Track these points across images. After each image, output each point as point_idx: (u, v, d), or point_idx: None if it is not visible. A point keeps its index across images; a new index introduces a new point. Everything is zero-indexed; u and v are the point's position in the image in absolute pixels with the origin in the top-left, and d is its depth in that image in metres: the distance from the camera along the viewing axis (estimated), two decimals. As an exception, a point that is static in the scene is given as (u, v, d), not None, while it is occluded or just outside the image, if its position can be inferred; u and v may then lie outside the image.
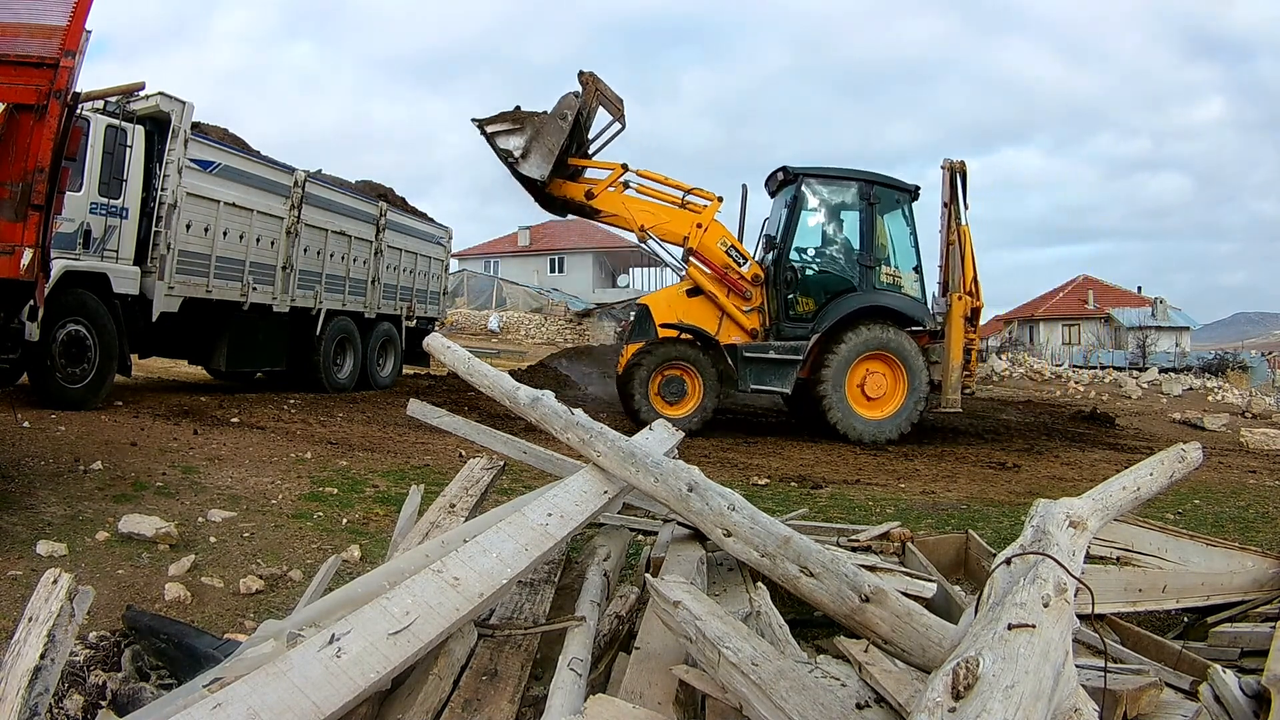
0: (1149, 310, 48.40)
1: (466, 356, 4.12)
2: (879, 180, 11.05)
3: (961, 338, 10.66)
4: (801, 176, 11.05)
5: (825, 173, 11.19)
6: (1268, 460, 10.39)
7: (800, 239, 11.02)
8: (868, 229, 10.84)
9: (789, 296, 10.81)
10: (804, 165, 11.21)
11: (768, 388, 10.65)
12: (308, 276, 11.82)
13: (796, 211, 10.97)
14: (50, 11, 4.97)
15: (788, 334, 10.71)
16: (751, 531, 2.66)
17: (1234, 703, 2.38)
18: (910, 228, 11.22)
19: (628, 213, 10.89)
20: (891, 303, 10.76)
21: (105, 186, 8.58)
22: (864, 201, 10.88)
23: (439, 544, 2.85)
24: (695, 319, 10.79)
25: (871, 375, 10.58)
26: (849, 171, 11.22)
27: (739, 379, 10.55)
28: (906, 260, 11.18)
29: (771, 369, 10.54)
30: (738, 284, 10.78)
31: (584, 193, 10.90)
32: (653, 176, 11.05)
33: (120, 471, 5.86)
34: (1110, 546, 3.67)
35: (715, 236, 10.84)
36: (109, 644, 3.05)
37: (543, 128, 10.48)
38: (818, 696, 1.97)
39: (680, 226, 10.88)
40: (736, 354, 10.55)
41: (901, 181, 11.26)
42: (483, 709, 2.27)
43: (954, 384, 10.59)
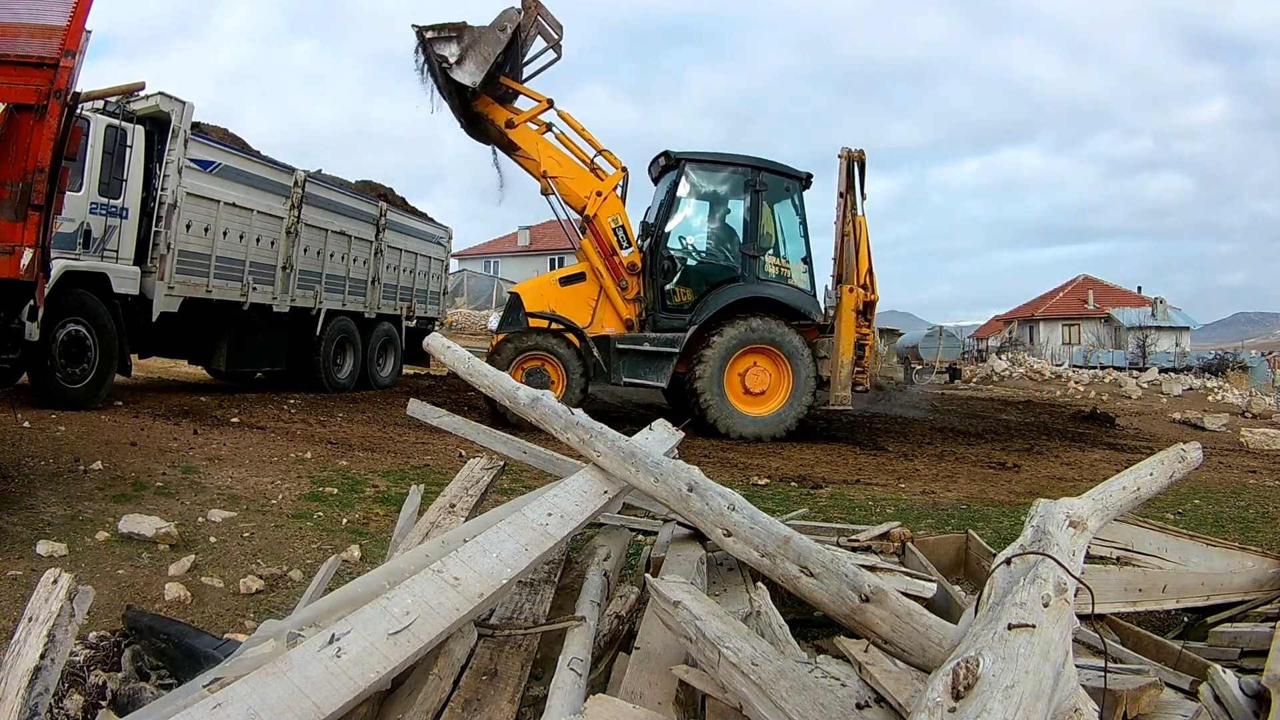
0: (1149, 310, 48.42)
1: (466, 356, 4.12)
2: (766, 166, 10.64)
3: (852, 332, 10.27)
4: (684, 161, 10.58)
5: (709, 158, 10.77)
6: (1268, 460, 10.39)
7: (680, 227, 10.62)
8: (752, 217, 10.45)
9: (665, 286, 10.38)
10: (688, 150, 10.69)
11: (642, 381, 10.16)
12: (308, 276, 11.82)
13: (676, 198, 10.54)
14: (50, 11, 4.97)
15: (664, 325, 10.27)
16: (751, 531, 2.65)
17: (1234, 703, 2.38)
18: (800, 217, 10.79)
19: (538, 154, 10.41)
20: (776, 294, 10.34)
21: (105, 186, 8.58)
22: (749, 189, 10.47)
23: (439, 544, 2.85)
24: (567, 308, 10.36)
25: (753, 370, 10.12)
26: (734, 157, 10.80)
27: (611, 371, 10.08)
28: (796, 251, 10.76)
29: (646, 362, 10.11)
30: (618, 269, 10.35)
31: (505, 120, 10.42)
32: (572, 123, 10.59)
33: (120, 471, 5.86)
34: (1110, 546, 3.67)
35: (610, 211, 10.39)
36: (109, 644, 3.05)
37: (481, 37, 10.07)
38: (818, 696, 1.97)
39: (581, 188, 10.43)
40: (609, 345, 10.10)
41: (791, 168, 10.85)
42: (483, 709, 2.27)
43: (843, 380, 10.21)
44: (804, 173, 10.89)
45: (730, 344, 10.01)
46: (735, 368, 10.11)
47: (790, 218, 10.82)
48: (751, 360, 10.17)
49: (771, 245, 10.66)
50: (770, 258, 10.59)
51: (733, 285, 10.32)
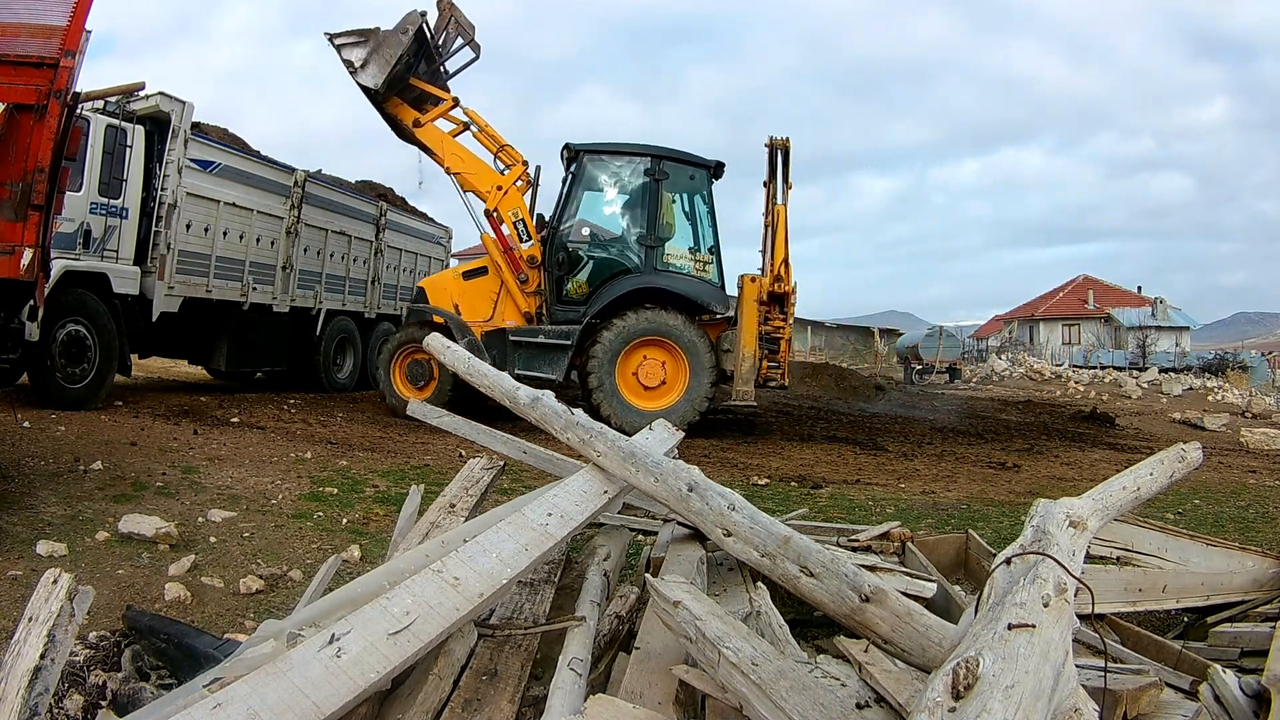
0: (1149, 310, 48.43)
1: (466, 356, 4.12)
2: (668, 155, 10.43)
3: (754, 324, 9.93)
4: (583, 152, 10.49)
5: (608, 148, 10.64)
6: (1268, 460, 10.39)
7: (576, 218, 10.54)
8: (652, 207, 10.27)
9: (561, 279, 10.35)
10: (589, 142, 10.61)
11: (537, 374, 9.91)
12: (308, 276, 11.83)
13: (574, 189, 10.45)
14: (50, 11, 4.97)
15: (560, 318, 10.23)
16: (751, 531, 2.65)
17: (1234, 703, 2.38)
18: (709, 207, 10.60)
19: (442, 151, 10.56)
20: (673, 285, 10.12)
21: (105, 186, 8.58)
22: (649, 178, 10.29)
23: (439, 544, 2.85)
24: (469, 301, 10.47)
25: (647, 363, 9.92)
26: (634, 146, 10.64)
27: (507, 364, 9.86)
28: (704, 241, 10.56)
29: (542, 354, 10.06)
30: (517, 262, 10.37)
31: (412, 120, 10.53)
32: (476, 119, 10.66)
33: (120, 471, 5.86)
34: (1110, 546, 3.67)
35: (510, 205, 10.42)
36: (109, 644, 3.05)
37: (385, 40, 10.14)
38: (818, 696, 1.97)
39: (483, 183, 10.48)
40: (504, 338, 10.16)
41: (697, 157, 10.62)
42: (483, 709, 2.27)
43: (745, 375, 9.89)
44: (713, 161, 10.67)
45: (622, 336, 9.86)
46: (629, 361, 9.95)
47: (700, 208, 10.69)
48: (647, 353, 9.99)
49: (673, 235, 10.55)
50: (672, 249, 10.45)
51: (628, 277, 10.21)
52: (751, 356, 9.90)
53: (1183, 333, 48.70)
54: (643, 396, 9.95)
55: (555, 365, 10.03)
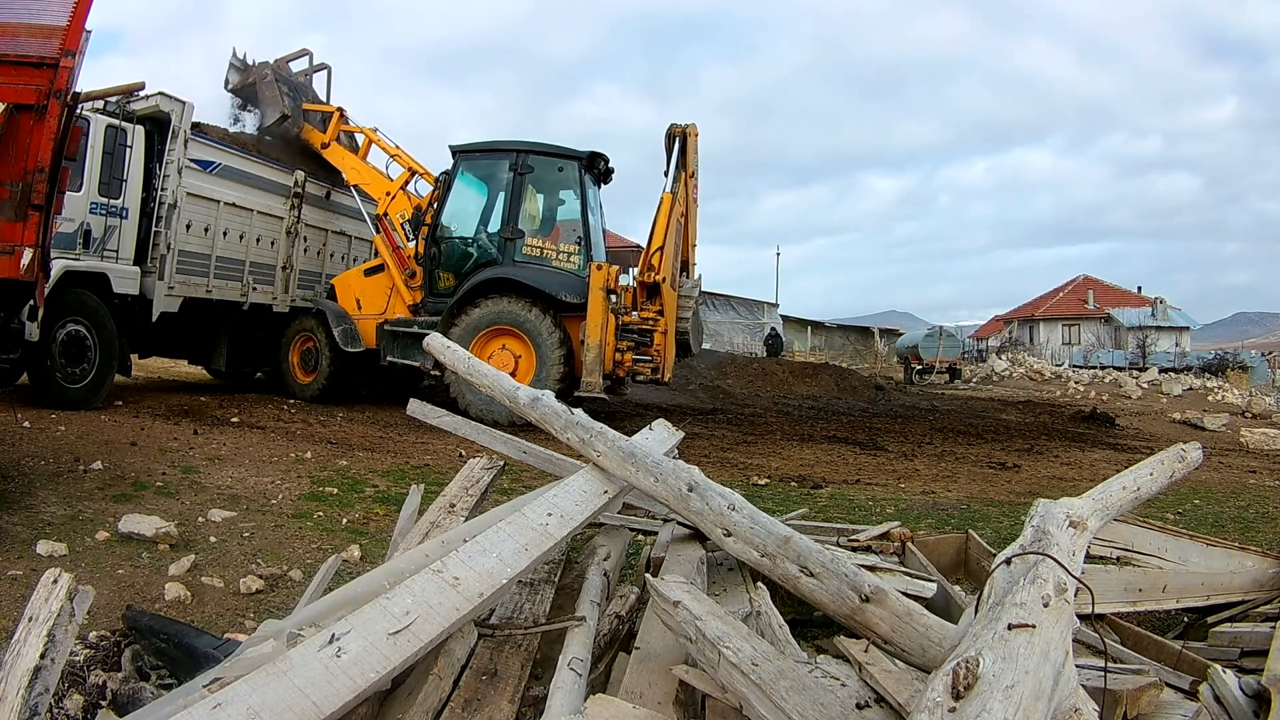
0: (1149, 310, 48.42)
1: (466, 356, 4.12)
2: (534, 149, 10.80)
3: (600, 313, 9.82)
4: (457, 152, 11.04)
5: (479, 147, 11.14)
6: (1268, 460, 10.39)
7: (448, 215, 11.01)
8: (513, 201, 10.67)
9: (433, 272, 10.91)
10: (465, 143, 11.14)
11: (407, 361, 10.61)
12: (308, 276, 11.83)
13: (447, 187, 10.98)
14: (50, 11, 4.97)
15: (432, 309, 10.75)
16: (751, 531, 2.65)
17: (1234, 703, 2.38)
18: (580, 199, 10.79)
19: (343, 167, 11.65)
20: (525, 276, 10.29)
21: (105, 186, 8.58)
22: (512, 172, 10.69)
23: (439, 544, 2.85)
24: (369, 297, 11.26)
25: (500, 353, 10.10)
26: (502, 143, 11.07)
27: (383, 352, 10.77)
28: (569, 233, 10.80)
29: (413, 343, 10.43)
30: (405, 260, 11.06)
31: (320, 144, 11.72)
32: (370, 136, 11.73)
33: (120, 471, 5.86)
34: (1110, 546, 3.67)
35: (398, 208, 11.21)
36: (109, 644, 3.05)
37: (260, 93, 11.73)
38: (818, 696, 1.97)
39: (374, 190, 11.48)
40: (383, 329, 10.85)
41: (567, 149, 10.82)
42: (483, 709, 2.27)
43: (590, 365, 9.82)
44: (584, 153, 10.85)
45: (472, 325, 10.15)
46: (484, 350, 10.11)
47: (569, 199, 11.02)
48: (500, 343, 10.24)
49: (536, 227, 10.91)
50: (535, 240, 10.72)
51: (487, 268, 10.57)
52: (597, 346, 9.85)
53: (1183, 333, 48.68)
54: None
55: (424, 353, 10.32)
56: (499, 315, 10.15)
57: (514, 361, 10.09)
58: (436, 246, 10.89)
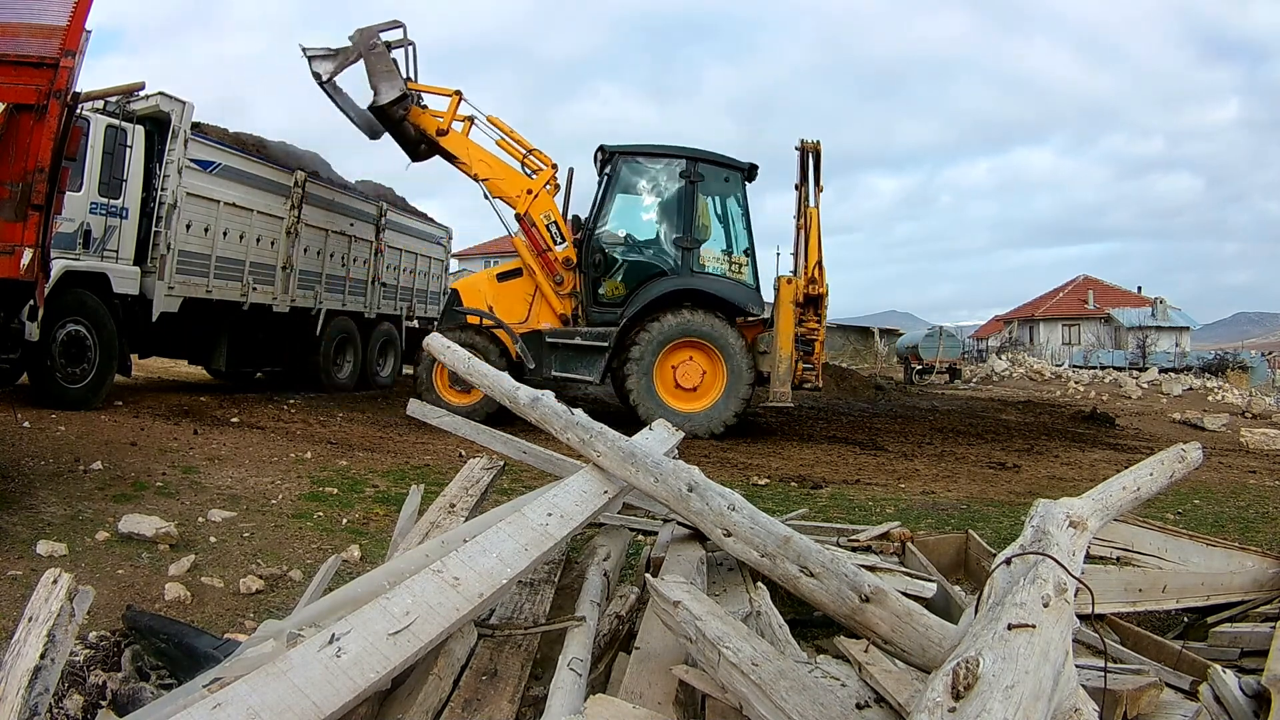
0: (1149, 310, 48.41)
1: (466, 356, 4.12)
2: (702, 157, 10.46)
3: (791, 325, 9.95)
4: (617, 155, 10.50)
5: (643, 150, 10.66)
6: (1268, 460, 10.39)
7: (612, 220, 10.52)
8: (687, 209, 10.30)
9: (597, 281, 10.36)
10: (623, 144, 10.62)
11: (574, 375, 10.09)
12: (308, 276, 11.83)
13: (609, 191, 10.44)
14: (50, 11, 4.97)
15: (596, 320, 10.24)
16: (751, 531, 2.65)
17: (1234, 703, 2.38)
18: (743, 209, 10.62)
19: (469, 158, 10.52)
20: (710, 287, 10.14)
21: (105, 186, 8.59)
22: (684, 180, 10.30)
23: (439, 544, 2.85)
24: (503, 304, 10.41)
25: (686, 365, 9.92)
26: (669, 148, 10.63)
27: (542, 366, 10.02)
28: (739, 243, 10.57)
29: (578, 356, 10.05)
30: (552, 265, 10.36)
31: (436, 129, 10.54)
32: (500, 125, 10.66)
33: (120, 471, 5.86)
34: (1110, 546, 3.67)
35: (541, 208, 10.39)
36: (109, 644, 3.05)
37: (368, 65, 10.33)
38: (818, 696, 1.97)
39: (512, 188, 10.47)
40: (540, 340, 10.12)
41: (732, 159, 10.63)
42: (483, 709, 2.27)
43: (782, 376, 9.87)
44: (746, 164, 10.66)
45: (659, 338, 9.86)
46: (667, 362, 9.95)
47: (734, 210, 10.68)
48: (685, 355, 9.98)
49: (708, 237, 10.53)
50: (707, 250, 10.43)
51: (664, 279, 10.21)
52: (788, 358, 9.93)
53: (1183, 333, 48.68)
54: (680, 398, 9.96)
55: (592, 367, 10.04)
56: (688, 327, 9.86)
57: (700, 374, 9.95)
58: (600, 253, 10.33)
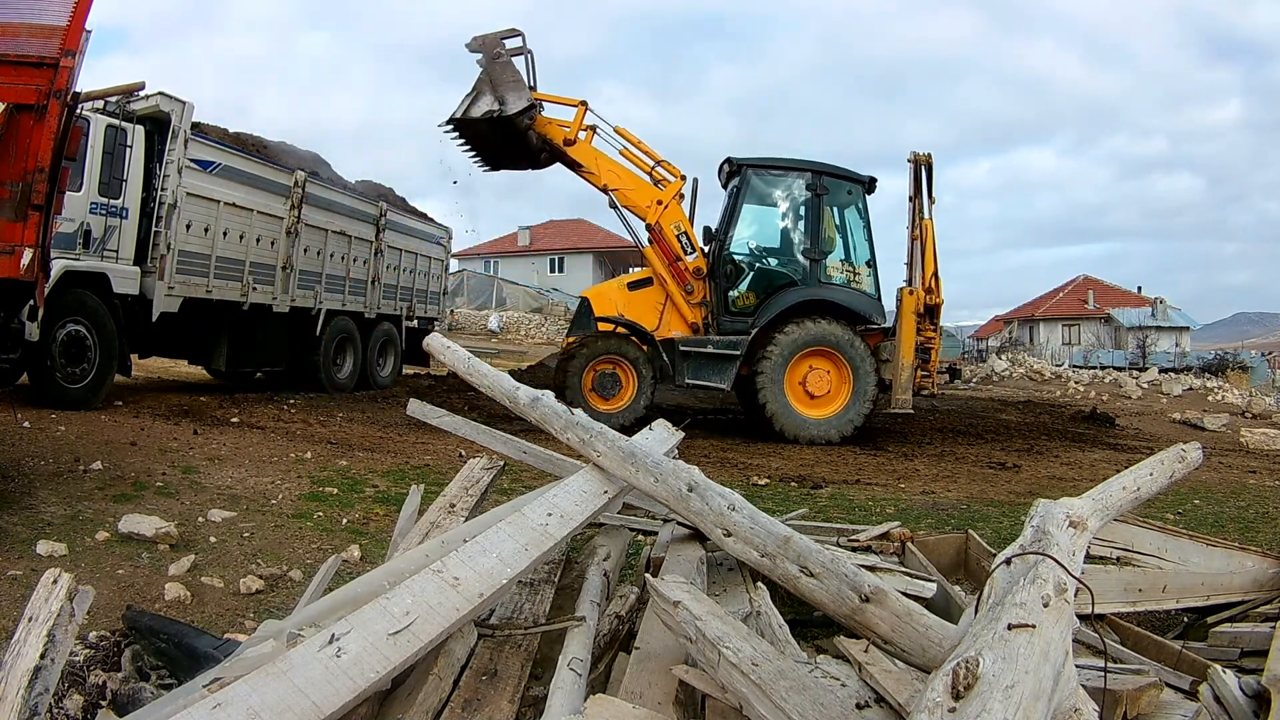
0: (1149, 310, 48.38)
1: (466, 356, 4.12)
2: (827, 170, 10.70)
3: (912, 335, 10.27)
4: (745, 167, 10.73)
5: (770, 163, 10.91)
6: (1268, 460, 10.38)
7: (742, 231, 10.76)
8: (814, 221, 10.56)
9: (728, 290, 10.58)
10: (750, 156, 10.87)
11: (706, 383, 10.31)
12: (308, 276, 11.82)
13: (739, 203, 10.68)
14: (50, 11, 4.97)
15: (727, 328, 10.45)
16: (751, 531, 2.65)
17: (1234, 703, 2.38)
18: (864, 220, 10.87)
19: (597, 168, 10.67)
20: (837, 297, 10.44)
21: (105, 186, 8.58)
22: (810, 192, 10.56)
23: (439, 544, 2.85)
24: (635, 313, 10.59)
25: (814, 372, 10.22)
26: (795, 161, 10.91)
27: (676, 373, 10.24)
28: (860, 254, 10.83)
29: (710, 364, 10.25)
30: (683, 275, 10.57)
31: (563, 139, 10.66)
32: (627, 136, 10.78)
33: (120, 471, 5.86)
34: (1110, 546, 3.67)
35: (671, 218, 10.63)
36: (109, 644, 3.05)
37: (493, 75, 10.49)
38: (818, 696, 1.97)
39: (642, 198, 10.66)
40: (674, 348, 10.29)
41: (854, 172, 10.92)
42: (483, 709, 2.27)
43: (904, 384, 10.16)
44: (867, 176, 10.95)
45: (790, 347, 10.13)
46: (796, 370, 10.23)
47: (854, 221, 10.94)
48: (813, 363, 10.28)
49: (834, 248, 10.79)
50: (833, 261, 10.70)
51: (794, 288, 10.48)
52: (910, 366, 10.21)
53: (1183, 333, 48.66)
54: (808, 405, 10.27)
55: (723, 374, 10.26)
56: (818, 337, 10.13)
57: (828, 381, 10.21)
58: (731, 264, 10.59)
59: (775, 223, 11.05)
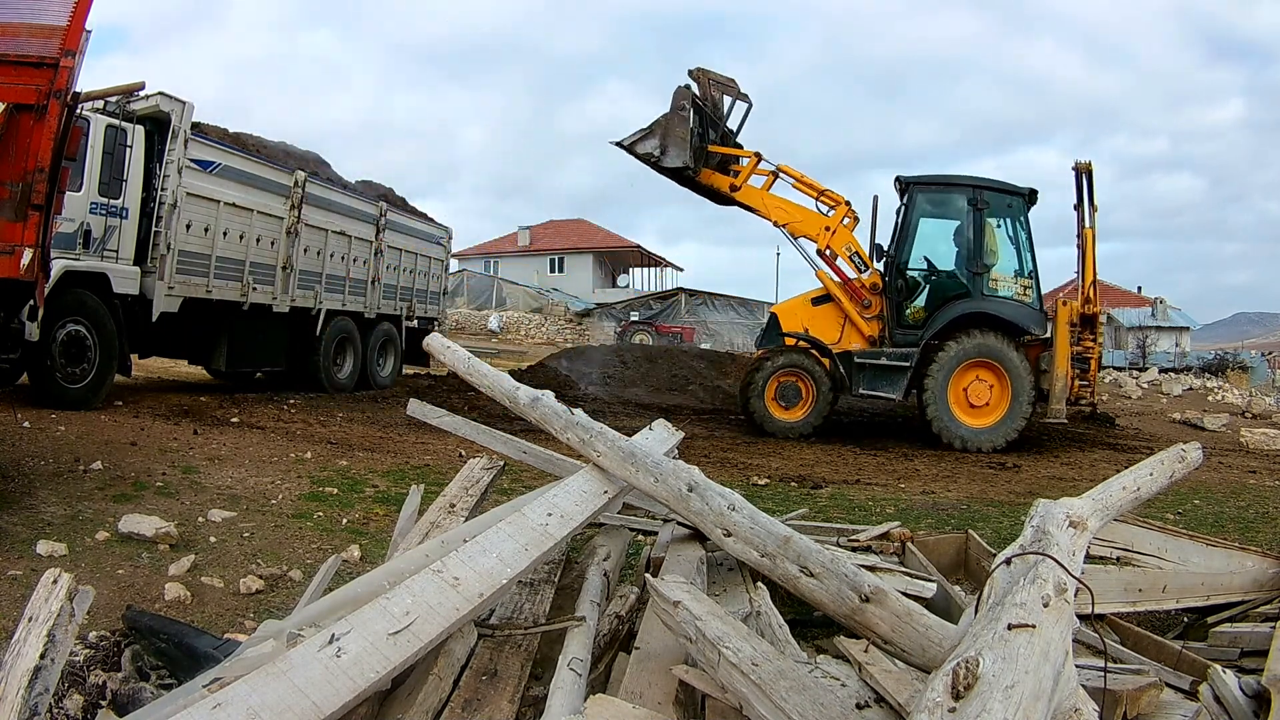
0: (1149, 310, 48.36)
1: (466, 356, 4.12)
2: (988, 185, 11.05)
3: (1066, 345, 10.42)
4: (912, 185, 11.19)
5: (934, 180, 11.36)
6: (1268, 460, 10.38)
7: (911, 247, 11.17)
8: (976, 235, 10.87)
9: (900, 304, 11.04)
10: (918, 175, 11.36)
11: (879, 393, 10.84)
12: (308, 276, 11.81)
13: (907, 219, 11.12)
14: (50, 11, 4.97)
15: (900, 341, 10.89)
16: (751, 531, 2.65)
17: (1234, 703, 2.38)
18: (1026, 232, 11.12)
19: (764, 208, 11.50)
20: (999, 309, 10.71)
21: (105, 186, 8.57)
22: (971, 207, 10.88)
23: (439, 544, 2.85)
24: (818, 327, 11.18)
25: (977, 383, 10.55)
26: (957, 178, 11.36)
27: (851, 384, 10.82)
28: (1022, 266, 11.10)
29: (883, 375, 10.77)
30: (858, 291, 11.09)
31: (729, 185, 11.58)
32: (791, 173, 11.54)
33: (120, 471, 5.86)
34: (1110, 546, 3.67)
35: (841, 241, 11.23)
36: (109, 644, 3.05)
37: (669, 124, 11.35)
38: (818, 696, 1.97)
39: (810, 228, 11.33)
40: (850, 360, 10.85)
41: (1014, 186, 11.19)
42: (483, 709, 2.27)
43: (1058, 394, 10.32)
44: (1026, 189, 11.17)
45: (953, 358, 10.49)
46: (960, 380, 10.56)
47: (1016, 233, 11.19)
48: (976, 374, 10.58)
49: (997, 261, 11.06)
50: (996, 274, 10.95)
51: (958, 302, 10.79)
52: (1064, 376, 10.38)
53: (1183, 333, 48.62)
54: (970, 414, 10.59)
55: (895, 385, 10.73)
56: (981, 349, 10.45)
57: (989, 392, 10.49)
58: (903, 279, 11.00)
59: (941, 238, 11.42)
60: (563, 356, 18.79)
